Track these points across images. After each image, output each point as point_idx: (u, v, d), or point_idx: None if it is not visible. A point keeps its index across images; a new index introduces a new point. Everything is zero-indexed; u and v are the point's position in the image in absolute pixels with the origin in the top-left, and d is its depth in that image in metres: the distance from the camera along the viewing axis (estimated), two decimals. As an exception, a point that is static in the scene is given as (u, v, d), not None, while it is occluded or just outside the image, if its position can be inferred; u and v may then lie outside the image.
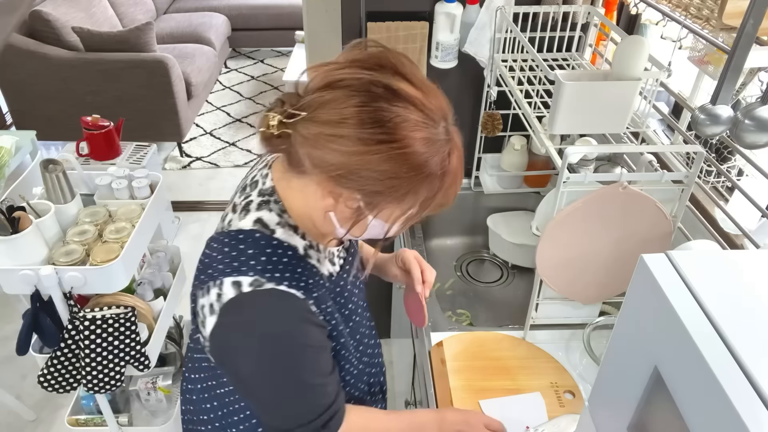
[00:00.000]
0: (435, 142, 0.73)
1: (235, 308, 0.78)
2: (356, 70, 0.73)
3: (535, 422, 1.15)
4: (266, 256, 0.80)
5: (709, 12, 1.15)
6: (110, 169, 1.73)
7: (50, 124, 3.54)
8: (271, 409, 0.85)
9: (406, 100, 0.72)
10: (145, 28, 3.37)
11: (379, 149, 0.70)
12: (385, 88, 0.71)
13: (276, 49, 5.45)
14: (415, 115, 0.71)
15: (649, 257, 0.59)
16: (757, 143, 1.03)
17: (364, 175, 0.72)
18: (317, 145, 0.73)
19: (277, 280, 0.79)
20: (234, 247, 0.81)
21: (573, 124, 1.23)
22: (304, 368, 0.82)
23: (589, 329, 1.29)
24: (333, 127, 0.71)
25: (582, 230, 1.17)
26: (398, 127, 0.70)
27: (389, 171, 0.72)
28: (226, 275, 0.79)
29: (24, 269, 1.41)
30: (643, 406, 0.59)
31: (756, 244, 1.17)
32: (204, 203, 3.43)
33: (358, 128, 0.70)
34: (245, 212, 0.85)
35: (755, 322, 0.52)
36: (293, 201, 0.84)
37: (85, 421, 1.83)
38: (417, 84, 0.74)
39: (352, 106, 0.71)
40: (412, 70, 0.74)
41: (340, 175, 0.73)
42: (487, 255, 1.79)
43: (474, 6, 1.73)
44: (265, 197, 0.85)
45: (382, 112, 0.70)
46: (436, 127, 0.74)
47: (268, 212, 0.84)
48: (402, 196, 0.75)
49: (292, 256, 0.83)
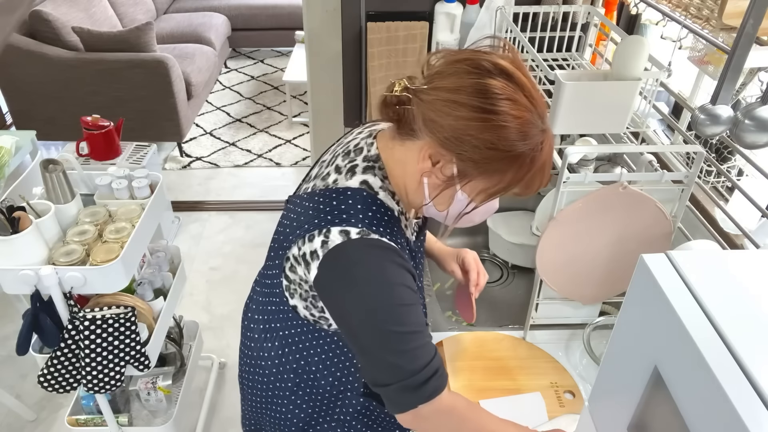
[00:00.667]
0: (532, 128, 0.80)
1: (344, 254, 0.85)
2: (479, 54, 0.82)
3: (535, 422, 1.15)
4: (372, 212, 0.88)
5: (709, 12, 1.15)
6: (110, 169, 1.73)
7: (50, 124, 3.54)
8: (376, 359, 0.86)
9: (517, 84, 0.80)
10: (145, 28, 3.37)
11: (484, 118, 0.78)
12: (501, 70, 0.80)
13: (276, 49, 5.45)
14: (521, 98, 0.79)
15: (649, 257, 0.59)
16: (757, 143, 1.03)
17: (466, 141, 0.80)
18: (433, 107, 0.81)
19: (381, 233, 0.87)
20: (342, 202, 0.88)
21: (573, 124, 1.23)
22: (405, 313, 0.85)
23: (589, 329, 1.29)
24: (450, 92, 0.80)
25: (582, 230, 1.17)
26: (504, 103, 0.78)
27: (488, 141, 0.79)
28: (334, 225, 0.86)
29: (24, 269, 1.41)
30: (643, 406, 0.59)
31: (756, 244, 1.17)
32: (204, 203, 3.43)
33: (470, 97, 0.78)
34: (351, 173, 0.92)
35: (755, 322, 0.52)
36: (393, 169, 0.92)
37: (85, 421, 1.83)
38: (528, 78, 0.82)
39: (470, 78, 0.79)
40: (525, 69, 0.83)
41: (446, 137, 0.81)
42: (487, 255, 1.79)
43: (474, 6, 1.73)
44: (370, 163, 0.93)
45: (494, 88, 0.78)
46: (536, 115, 0.81)
47: (372, 176, 0.92)
48: (492, 171, 0.82)
49: (391, 216, 0.91)
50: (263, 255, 1.07)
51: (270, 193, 3.52)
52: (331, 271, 0.85)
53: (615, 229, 1.16)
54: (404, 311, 0.85)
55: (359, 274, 0.84)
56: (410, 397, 0.86)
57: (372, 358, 0.87)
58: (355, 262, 0.85)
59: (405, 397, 0.86)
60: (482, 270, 1.23)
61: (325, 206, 0.89)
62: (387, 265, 0.85)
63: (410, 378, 0.84)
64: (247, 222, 3.27)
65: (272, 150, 3.94)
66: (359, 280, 0.84)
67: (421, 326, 0.87)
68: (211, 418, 2.22)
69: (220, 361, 2.39)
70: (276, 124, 4.25)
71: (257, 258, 2.94)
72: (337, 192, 0.90)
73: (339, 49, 2.02)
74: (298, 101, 4.50)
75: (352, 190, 0.89)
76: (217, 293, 2.78)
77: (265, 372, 1.09)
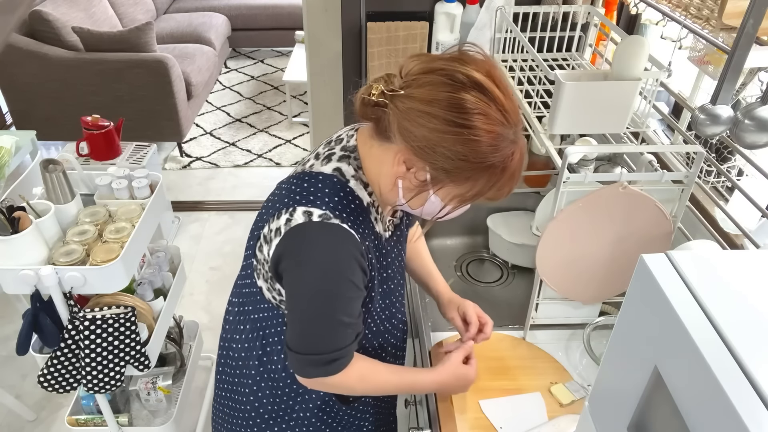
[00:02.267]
0: (503, 140, 0.83)
1: (301, 232, 0.89)
2: (455, 64, 0.83)
3: (535, 422, 1.15)
4: (338, 198, 0.92)
5: (709, 12, 1.15)
6: (110, 169, 1.73)
7: (50, 124, 3.54)
8: (298, 329, 0.95)
9: (490, 98, 0.82)
10: (145, 28, 3.37)
11: (456, 131, 0.81)
12: (475, 84, 0.82)
13: (276, 49, 5.45)
14: (493, 112, 0.82)
15: (649, 257, 0.59)
16: (757, 143, 1.03)
17: (439, 152, 0.83)
18: (408, 117, 0.84)
19: (343, 219, 0.90)
20: (312, 185, 0.93)
21: (573, 124, 1.23)
22: (340, 303, 0.92)
23: (589, 329, 1.29)
24: (425, 105, 0.82)
25: (582, 230, 1.17)
26: (476, 118, 0.81)
27: (460, 153, 0.82)
28: (300, 204, 0.91)
29: (24, 269, 1.41)
30: (643, 406, 0.59)
31: (756, 244, 1.17)
32: (204, 203, 3.43)
33: (444, 110, 0.81)
34: (327, 160, 0.96)
35: (755, 322, 0.52)
36: (369, 165, 0.95)
37: (85, 421, 1.83)
38: (502, 88, 0.84)
39: (445, 91, 0.81)
40: (501, 77, 0.85)
41: (419, 147, 0.84)
42: (487, 255, 1.79)
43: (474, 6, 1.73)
44: (346, 152, 0.97)
45: (467, 103, 0.81)
46: (508, 127, 0.84)
47: (346, 165, 0.95)
48: (464, 179, 0.86)
49: (359, 205, 0.94)
50: (263, 255, 1.07)
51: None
52: (287, 248, 0.90)
53: (615, 229, 1.16)
54: (340, 302, 0.92)
55: (312, 255, 0.89)
56: (312, 370, 0.96)
57: (296, 324, 0.94)
58: (311, 242, 0.89)
59: (308, 369, 0.96)
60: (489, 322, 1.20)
61: (297, 187, 0.93)
62: (340, 252, 0.90)
63: (319, 355, 0.93)
64: (247, 222, 3.27)
65: (272, 150, 3.94)
66: (310, 260, 0.89)
67: (350, 318, 0.94)
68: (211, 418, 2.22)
69: (220, 361, 2.39)
70: (276, 124, 4.25)
71: (257, 258, 2.95)
72: (309, 175, 0.94)
73: (339, 49, 2.02)
74: (298, 101, 4.50)
75: (324, 174, 0.94)
76: (217, 293, 2.78)
77: (234, 356, 1.12)
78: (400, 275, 1.13)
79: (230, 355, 1.13)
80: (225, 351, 1.15)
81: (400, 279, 1.12)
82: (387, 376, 1.06)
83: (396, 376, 1.07)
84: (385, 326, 1.12)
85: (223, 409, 1.18)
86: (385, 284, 1.07)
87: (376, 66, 1.94)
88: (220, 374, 1.17)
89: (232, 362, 1.12)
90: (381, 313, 1.09)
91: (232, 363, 1.12)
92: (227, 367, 1.14)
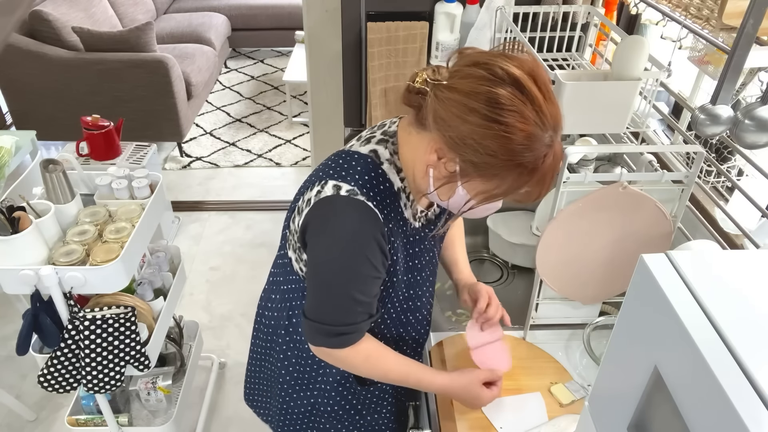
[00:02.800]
0: (536, 141, 0.82)
1: (329, 204, 0.93)
2: (498, 59, 0.83)
3: (535, 422, 1.15)
4: (368, 177, 0.95)
5: (709, 12, 1.15)
6: (110, 169, 1.73)
7: (50, 124, 3.54)
8: (311, 296, 0.99)
9: (528, 98, 0.81)
10: (145, 28, 3.37)
11: (488, 126, 0.81)
12: (513, 80, 0.81)
13: (276, 49, 5.45)
14: (528, 111, 0.81)
15: (649, 257, 0.59)
16: (757, 143, 1.03)
17: (469, 143, 0.83)
18: (444, 107, 0.84)
19: (369, 198, 0.93)
20: (347, 162, 0.97)
21: (573, 124, 1.23)
22: (354, 277, 0.95)
23: (589, 329, 1.29)
24: (461, 96, 0.83)
25: (582, 230, 1.17)
26: (509, 114, 0.80)
27: (489, 148, 0.82)
28: (332, 178, 0.95)
29: (24, 269, 1.41)
30: (643, 406, 0.59)
31: (756, 244, 1.17)
32: (204, 203, 3.43)
33: (479, 103, 0.81)
34: (366, 142, 1.00)
35: (755, 322, 0.52)
36: (405, 151, 0.98)
37: (85, 421, 1.83)
38: (543, 90, 0.83)
39: (482, 84, 0.81)
40: (545, 79, 0.84)
41: (451, 137, 0.85)
42: (487, 255, 1.79)
43: (474, 6, 1.73)
44: (386, 137, 1.00)
45: (502, 98, 0.80)
46: (543, 130, 0.83)
47: (383, 148, 0.98)
48: (491, 175, 0.86)
49: (388, 188, 0.97)
50: (263, 255, 1.09)
51: (270, 193, 3.52)
52: (314, 218, 0.95)
53: (615, 229, 1.16)
54: (354, 276, 0.95)
55: (334, 226, 0.93)
56: (319, 339, 1.00)
57: (311, 291, 0.99)
58: (335, 214, 0.93)
59: (315, 336, 1.00)
60: (495, 303, 1.21)
61: (333, 163, 0.98)
62: (360, 228, 0.93)
63: (327, 326, 0.97)
64: (247, 222, 3.27)
65: (272, 150, 3.94)
66: (332, 231, 0.93)
67: (363, 296, 0.96)
68: (211, 418, 2.22)
69: (220, 361, 2.39)
70: (276, 124, 4.25)
71: (257, 258, 2.96)
72: (347, 153, 0.98)
73: (339, 49, 2.02)
74: (298, 101, 4.50)
75: (360, 154, 0.97)
76: (217, 293, 2.78)
77: (266, 323, 1.18)
78: (430, 270, 1.14)
79: (262, 321, 1.20)
80: (259, 318, 1.21)
81: (429, 274, 1.13)
82: (393, 365, 1.06)
83: (403, 366, 1.07)
84: (407, 318, 1.13)
85: (257, 373, 1.26)
86: (411, 274, 1.08)
87: (376, 66, 1.94)
88: (255, 338, 1.24)
89: (264, 329, 1.19)
90: (404, 302, 1.10)
91: (264, 329, 1.19)
92: (260, 333, 1.21)
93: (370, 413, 1.20)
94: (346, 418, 1.18)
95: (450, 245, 1.30)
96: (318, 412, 1.17)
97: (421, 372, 1.08)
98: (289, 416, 1.20)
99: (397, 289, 1.07)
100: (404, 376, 1.07)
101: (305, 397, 1.17)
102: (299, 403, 1.17)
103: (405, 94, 0.93)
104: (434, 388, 1.11)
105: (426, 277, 1.13)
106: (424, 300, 1.15)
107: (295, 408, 1.18)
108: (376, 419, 1.21)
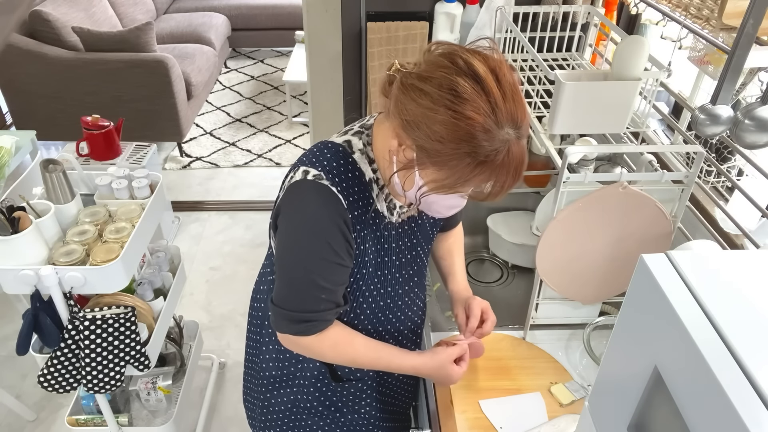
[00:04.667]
0: (486, 133, 0.82)
1: (296, 188, 0.95)
2: (466, 54, 0.84)
3: (535, 422, 1.15)
4: (337, 164, 0.97)
5: (709, 12, 1.15)
6: (110, 169, 1.73)
7: (50, 124, 3.54)
8: (277, 281, 1.00)
9: (484, 91, 0.82)
10: (145, 28, 3.37)
11: (437, 110, 0.82)
12: (474, 74, 0.82)
13: (276, 49, 5.45)
14: (483, 104, 0.81)
15: (649, 257, 0.59)
16: (757, 143, 1.03)
17: (422, 128, 0.84)
18: (405, 91, 0.86)
19: (334, 183, 0.95)
20: (320, 150, 0.99)
21: (573, 124, 1.23)
22: (317, 263, 0.95)
23: (589, 329, 1.29)
24: (419, 80, 0.84)
25: (582, 230, 1.17)
26: (462, 102, 0.81)
27: (438, 133, 0.82)
28: (303, 164, 0.98)
29: (24, 269, 1.41)
30: (643, 406, 0.59)
31: (756, 244, 1.17)
32: (204, 203, 3.43)
33: (434, 88, 0.82)
34: (344, 134, 1.02)
35: (755, 322, 0.52)
36: (377, 139, 0.99)
37: (85, 421, 1.83)
38: (504, 88, 0.83)
39: (440, 71, 0.83)
40: (509, 79, 0.84)
41: (406, 121, 0.86)
42: (487, 255, 1.79)
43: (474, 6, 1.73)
44: (362, 129, 1.02)
45: (458, 86, 0.81)
46: (498, 125, 0.82)
47: (357, 139, 1.00)
48: (442, 163, 0.85)
49: (357, 177, 0.98)
50: (263, 255, 1.08)
51: (270, 193, 3.52)
52: (283, 202, 0.97)
53: (615, 229, 1.16)
54: (315, 261, 0.95)
55: (297, 209, 0.96)
56: (284, 325, 1.00)
57: (278, 275, 1.00)
58: (300, 197, 0.95)
59: (280, 323, 1.00)
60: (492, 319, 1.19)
61: (309, 152, 1.01)
62: (322, 211, 0.94)
63: (291, 312, 0.98)
64: (246, 222, 3.27)
65: (272, 150, 3.94)
66: (295, 214, 0.96)
67: (326, 282, 0.96)
68: (211, 418, 2.22)
69: (220, 361, 2.39)
70: (276, 124, 4.25)
71: (257, 258, 2.95)
72: (322, 143, 1.01)
73: (339, 49, 2.02)
74: (298, 101, 4.50)
75: (333, 144, 1.00)
76: (217, 293, 2.78)
77: (258, 314, 1.18)
78: (414, 270, 1.13)
79: (253, 314, 1.20)
80: (251, 311, 1.22)
81: (412, 274, 1.12)
82: (362, 350, 1.06)
83: (372, 352, 1.06)
84: (386, 316, 1.12)
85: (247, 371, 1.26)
86: (385, 269, 1.07)
87: (376, 66, 1.94)
88: (248, 332, 1.24)
89: (255, 321, 1.19)
90: (379, 299, 1.09)
91: (255, 322, 1.19)
92: (252, 326, 1.21)
93: (350, 411, 1.19)
94: (327, 415, 1.18)
95: (448, 255, 1.29)
96: (298, 409, 1.17)
97: (390, 355, 1.07)
98: (272, 415, 1.20)
99: (369, 284, 1.06)
100: (374, 361, 1.07)
101: (285, 395, 1.17)
102: (279, 401, 1.18)
103: (381, 85, 0.94)
104: (405, 370, 1.10)
105: (408, 277, 1.11)
106: (407, 300, 1.14)
107: (276, 406, 1.18)
108: (357, 418, 1.20)
